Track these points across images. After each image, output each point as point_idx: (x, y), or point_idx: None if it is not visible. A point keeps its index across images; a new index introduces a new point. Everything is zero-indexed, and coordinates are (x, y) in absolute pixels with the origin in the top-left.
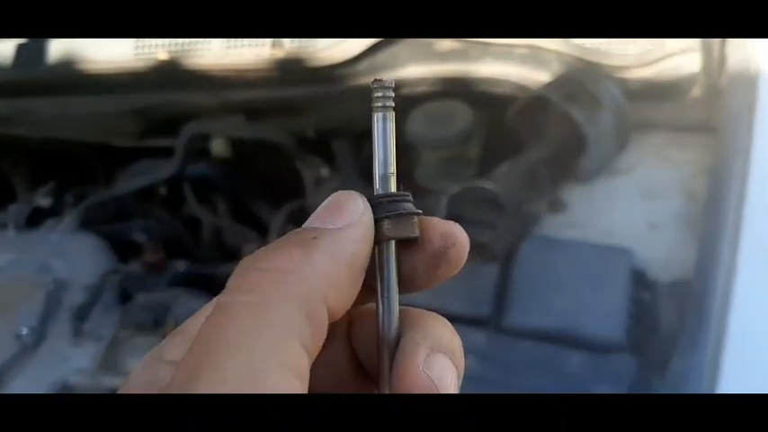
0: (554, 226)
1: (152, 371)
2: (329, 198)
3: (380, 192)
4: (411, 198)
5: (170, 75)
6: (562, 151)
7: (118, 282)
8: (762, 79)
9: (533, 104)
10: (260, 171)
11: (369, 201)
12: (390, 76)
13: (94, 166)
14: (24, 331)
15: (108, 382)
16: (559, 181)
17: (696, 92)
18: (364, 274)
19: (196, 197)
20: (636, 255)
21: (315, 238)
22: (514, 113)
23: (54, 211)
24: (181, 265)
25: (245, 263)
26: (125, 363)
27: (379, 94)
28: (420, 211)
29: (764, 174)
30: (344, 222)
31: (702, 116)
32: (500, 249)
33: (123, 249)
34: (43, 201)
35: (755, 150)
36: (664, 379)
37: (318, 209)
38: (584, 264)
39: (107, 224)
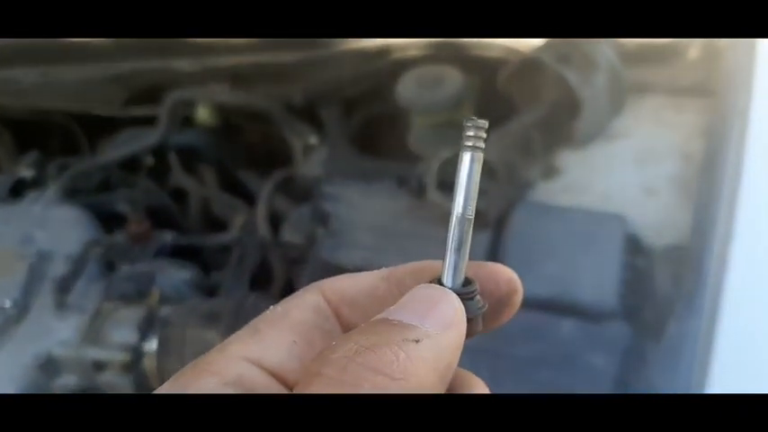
0: (548, 192)
1: None
2: (422, 292)
3: (455, 239)
4: (477, 288)
5: (153, 41)
6: (556, 115)
7: (102, 253)
8: (760, 40)
9: (526, 67)
10: (247, 139)
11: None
12: (484, 118)
13: (78, 135)
14: (7, 303)
15: (92, 355)
16: (553, 146)
17: (693, 53)
18: None
19: (182, 167)
20: (630, 220)
21: (417, 341)
22: (506, 77)
23: (37, 182)
24: (167, 236)
25: (342, 349)
26: (109, 335)
27: (471, 134)
28: (486, 307)
29: (763, 136)
30: (443, 326)
31: (700, 78)
32: (492, 216)
33: (108, 220)
34: (26, 171)
35: (754, 112)
36: (658, 345)
37: (411, 300)
38: (577, 230)
39: (91, 195)
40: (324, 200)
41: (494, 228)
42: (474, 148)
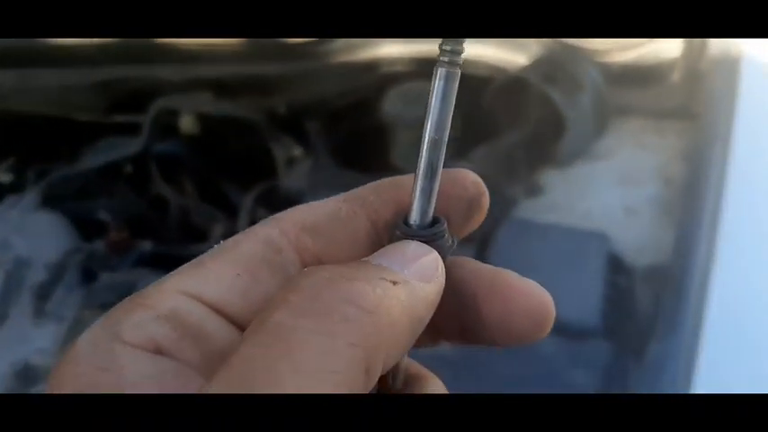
0: (531, 210)
1: (106, 354)
2: (405, 244)
3: (423, 170)
4: (446, 227)
5: (137, 48)
6: (540, 134)
7: (81, 261)
8: (743, 63)
9: (511, 86)
10: (229, 150)
11: (409, 235)
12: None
13: (58, 141)
14: None
15: None
16: (537, 164)
17: (676, 76)
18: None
19: (163, 176)
20: (613, 239)
21: (394, 283)
22: (492, 95)
23: (15, 188)
24: (146, 246)
25: (314, 277)
26: None
27: (448, 48)
28: (455, 245)
29: (745, 159)
30: (422, 278)
31: (682, 101)
32: (476, 233)
33: (87, 228)
34: (4, 177)
35: (736, 136)
36: (639, 364)
37: (392, 250)
38: (560, 248)
39: (70, 202)
40: None
41: (477, 245)
42: (450, 63)
